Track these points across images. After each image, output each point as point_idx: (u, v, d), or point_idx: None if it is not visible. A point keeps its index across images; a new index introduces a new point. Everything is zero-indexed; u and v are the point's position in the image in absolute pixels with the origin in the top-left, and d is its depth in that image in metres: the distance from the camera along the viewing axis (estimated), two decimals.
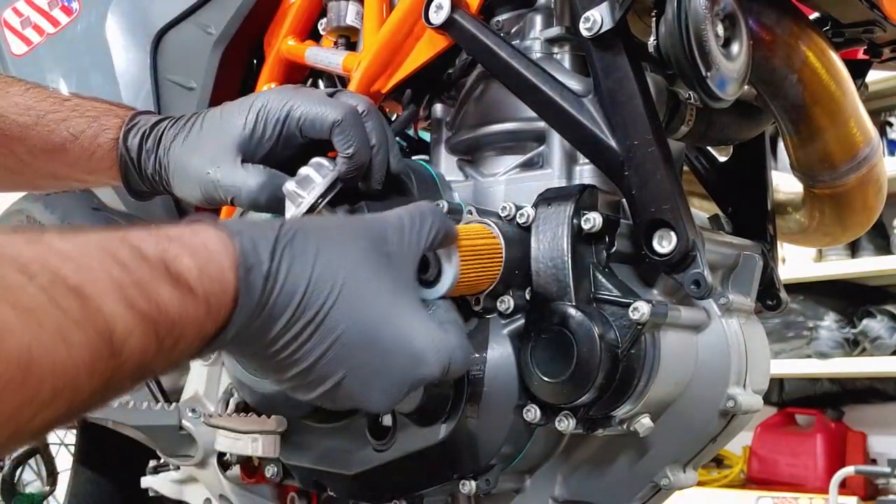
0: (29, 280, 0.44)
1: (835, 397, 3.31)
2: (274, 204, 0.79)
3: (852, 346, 3.07)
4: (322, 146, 0.80)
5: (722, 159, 1.05)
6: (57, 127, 0.86)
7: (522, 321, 0.77)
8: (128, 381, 0.51)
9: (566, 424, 0.75)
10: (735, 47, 0.76)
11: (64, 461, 1.41)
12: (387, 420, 0.83)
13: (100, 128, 0.86)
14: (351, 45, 1.03)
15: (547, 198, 0.78)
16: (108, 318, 0.47)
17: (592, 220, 0.75)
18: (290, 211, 0.77)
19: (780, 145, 0.99)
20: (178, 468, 1.10)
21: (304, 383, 0.61)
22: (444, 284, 0.71)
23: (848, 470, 2.77)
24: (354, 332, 0.60)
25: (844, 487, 2.87)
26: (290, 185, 0.77)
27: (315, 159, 0.79)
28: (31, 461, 1.58)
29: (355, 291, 0.61)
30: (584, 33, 0.76)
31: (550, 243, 0.76)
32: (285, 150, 0.80)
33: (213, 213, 1.13)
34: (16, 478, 1.34)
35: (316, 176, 0.77)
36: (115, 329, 0.47)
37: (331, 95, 0.81)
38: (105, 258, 0.49)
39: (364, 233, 0.64)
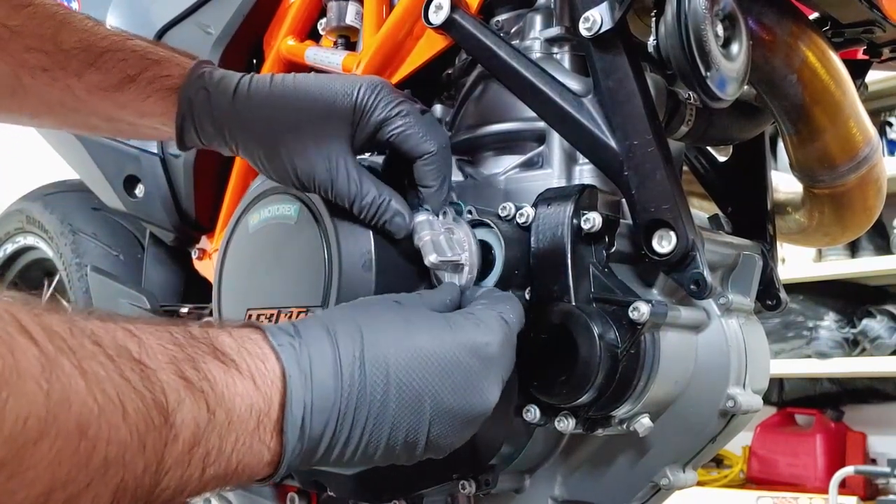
0: (99, 349, 0.47)
1: (835, 397, 3.32)
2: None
3: (852, 346, 3.07)
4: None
5: (721, 159, 1.05)
6: (115, 66, 0.83)
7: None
8: (186, 459, 0.51)
9: (566, 424, 0.75)
10: (735, 47, 0.76)
11: None
12: None
13: (159, 71, 0.83)
14: (350, 45, 1.03)
15: (546, 198, 0.78)
16: (163, 386, 0.49)
17: (592, 220, 0.75)
18: (456, 279, 0.75)
19: (780, 145, 0.99)
20: None
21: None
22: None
23: (848, 470, 2.77)
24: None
25: (844, 487, 2.87)
26: (433, 259, 0.74)
27: (422, 217, 0.77)
28: None
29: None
30: (584, 33, 0.76)
31: (550, 243, 0.76)
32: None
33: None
34: None
35: (466, 229, 0.77)
36: (168, 397, 0.49)
37: (423, 112, 0.80)
38: (162, 336, 0.52)
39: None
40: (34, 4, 0.81)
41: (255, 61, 1.17)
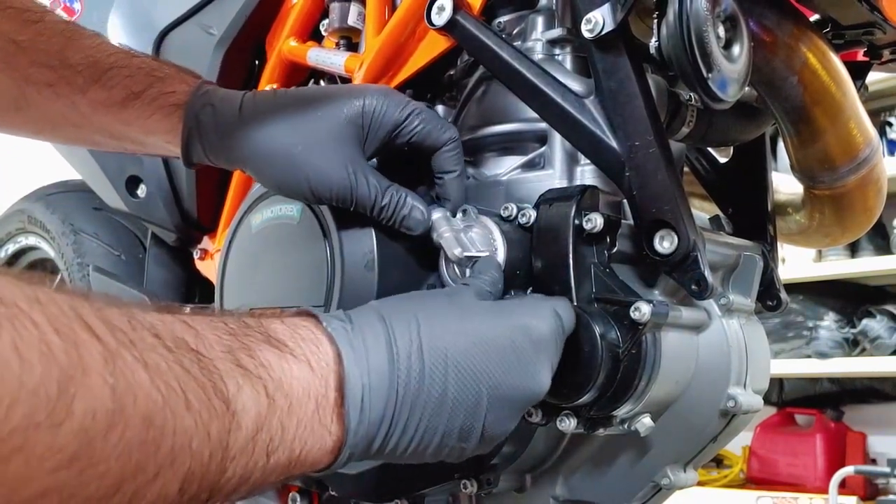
0: (159, 342, 0.47)
1: (834, 397, 3.32)
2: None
3: (852, 346, 3.07)
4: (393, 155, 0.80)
5: (722, 160, 1.05)
6: (120, 82, 0.83)
7: None
8: (250, 447, 0.51)
9: (567, 424, 0.75)
10: (736, 49, 0.77)
11: None
12: None
13: (164, 88, 0.83)
14: (353, 47, 1.04)
15: (548, 198, 0.79)
16: (221, 375, 0.50)
17: (594, 221, 0.75)
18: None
19: (780, 146, 1.00)
20: None
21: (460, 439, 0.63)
22: None
23: (848, 470, 2.78)
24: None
25: (844, 487, 2.87)
26: (458, 253, 0.75)
27: (439, 213, 0.77)
28: None
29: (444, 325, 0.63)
30: (586, 35, 0.77)
31: (552, 244, 0.76)
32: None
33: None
34: None
35: (492, 226, 0.77)
36: (227, 385, 0.50)
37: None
38: (217, 327, 0.53)
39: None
40: (44, 21, 0.81)
41: (256, 62, 1.17)
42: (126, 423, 0.43)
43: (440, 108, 0.95)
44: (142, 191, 1.25)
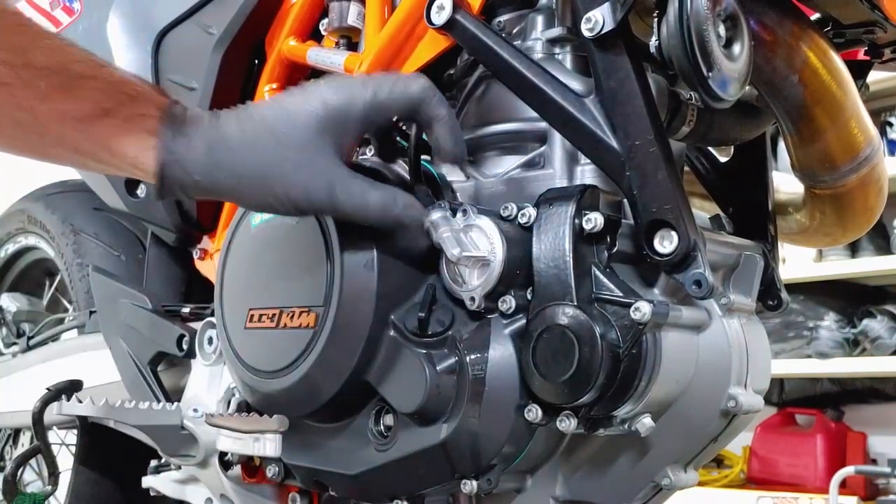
0: None
1: (835, 397, 3.31)
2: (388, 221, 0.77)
3: (852, 346, 3.07)
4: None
5: (723, 160, 1.05)
6: (89, 95, 0.75)
7: (524, 321, 0.77)
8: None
9: (567, 424, 0.75)
10: (736, 48, 0.77)
11: (65, 461, 1.41)
12: (388, 420, 0.83)
13: (136, 109, 0.76)
14: (352, 46, 1.04)
15: (548, 198, 0.78)
16: None
17: (594, 221, 0.75)
18: (475, 276, 0.77)
19: (781, 145, 1.00)
20: (179, 468, 1.10)
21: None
22: None
23: (848, 470, 2.77)
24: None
25: (844, 487, 2.87)
26: (456, 253, 0.75)
27: (439, 213, 0.77)
28: (33, 461, 1.58)
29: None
30: (586, 34, 0.77)
31: (552, 243, 0.76)
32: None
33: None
34: (17, 477, 1.35)
35: (492, 226, 0.77)
36: None
37: None
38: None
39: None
40: (3, 11, 0.73)
41: (256, 62, 1.17)
42: None
43: None
44: (141, 191, 1.25)
